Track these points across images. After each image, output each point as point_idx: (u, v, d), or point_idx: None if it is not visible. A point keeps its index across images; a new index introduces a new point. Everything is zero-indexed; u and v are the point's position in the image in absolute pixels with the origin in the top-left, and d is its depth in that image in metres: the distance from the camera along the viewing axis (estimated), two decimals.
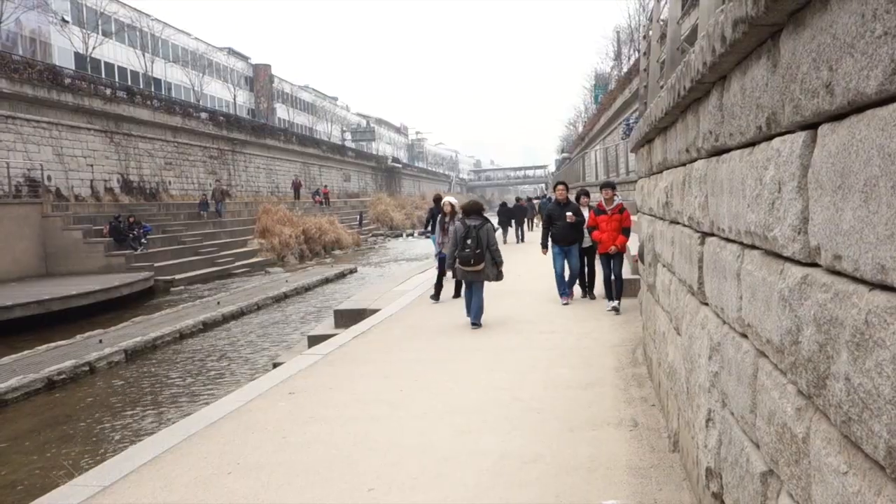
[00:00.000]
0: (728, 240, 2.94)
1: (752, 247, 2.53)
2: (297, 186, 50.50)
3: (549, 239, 11.15)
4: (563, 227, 10.88)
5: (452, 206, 11.64)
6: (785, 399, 2.09)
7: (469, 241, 9.43)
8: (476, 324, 9.59)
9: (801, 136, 1.96)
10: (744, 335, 2.66)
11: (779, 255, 2.19)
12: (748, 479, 2.53)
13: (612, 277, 10.15)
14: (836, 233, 1.70)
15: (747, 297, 2.54)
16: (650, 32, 7.85)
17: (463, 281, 9.96)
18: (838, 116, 1.70)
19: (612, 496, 4.14)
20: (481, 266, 9.47)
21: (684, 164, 4.10)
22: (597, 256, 10.88)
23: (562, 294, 11.17)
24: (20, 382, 10.47)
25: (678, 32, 5.63)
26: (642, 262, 7.08)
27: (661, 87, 5.92)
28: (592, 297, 11.25)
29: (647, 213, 6.52)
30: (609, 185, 10.64)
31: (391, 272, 26.59)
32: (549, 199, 12.67)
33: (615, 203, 10.16)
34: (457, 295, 11.68)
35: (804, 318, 1.91)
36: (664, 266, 5.18)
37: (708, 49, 2.78)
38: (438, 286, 12.21)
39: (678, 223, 4.38)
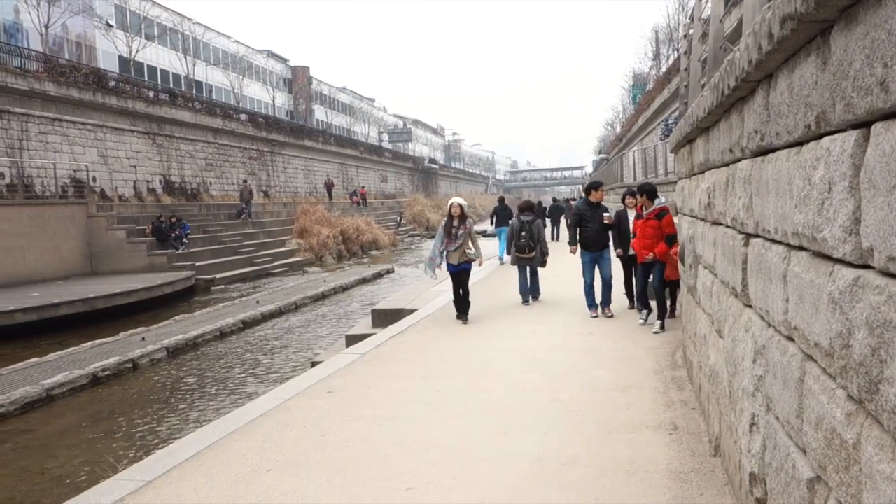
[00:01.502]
0: (774, 241, 2.88)
1: (800, 248, 2.48)
2: (329, 186, 50.51)
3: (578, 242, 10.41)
4: (596, 230, 10.13)
5: (461, 207, 10.30)
6: (834, 404, 2.04)
7: (524, 234, 11.39)
8: (528, 301, 11.82)
9: (852, 135, 1.91)
10: (790, 338, 2.60)
11: (828, 257, 2.14)
12: (794, 485, 2.48)
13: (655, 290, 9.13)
14: (890, 234, 1.65)
15: (794, 299, 2.49)
16: (691, 31, 7.76)
17: (518, 266, 11.89)
18: (893, 115, 1.66)
19: (651, 500, 4.09)
20: (533, 254, 11.41)
21: (727, 165, 4.03)
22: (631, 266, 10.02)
23: (590, 306, 10.26)
24: (66, 378, 10.70)
25: (721, 31, 5.55)
26: (683, 263, 6.99)
27: (703, 87, 5.85)
28: (636, 307, 9.96)
29: (688, 215, 6.43)
30: (640, 191, 9.30)
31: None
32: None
33: (653, 207, 9.04)
34: (460, 315, 10.32)
35: (856, 322, 1.86)
36: (706, 268, 5.11)
37: (754, 46, 2.73)
38: (460, 302, 10.40)
39: (721, 224, 4.31)
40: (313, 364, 9.72)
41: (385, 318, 11.95)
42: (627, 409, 5.84)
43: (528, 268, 11.73)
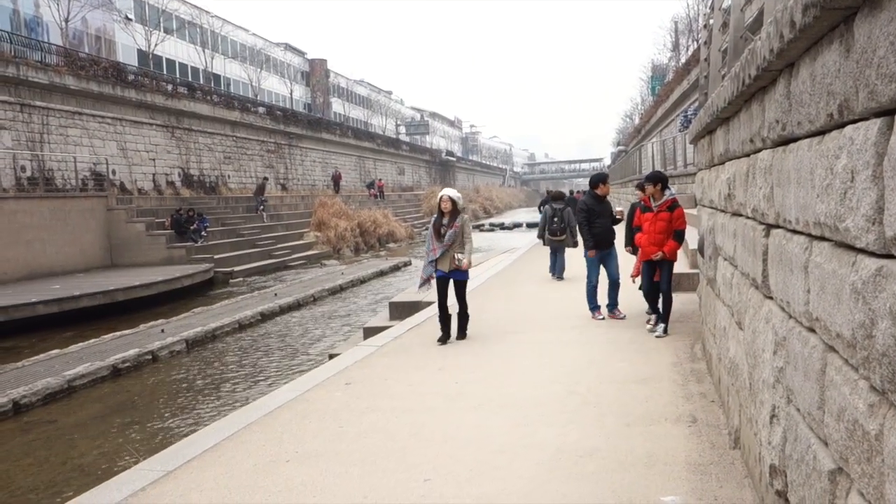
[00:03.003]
0: (795, 231, 2.85)
1: (822, 238, 2.45)
2: (336, 179, 50.06)
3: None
4: (604, 226, 9.40)
5: (452, 201, 8.58)
6: (856, 395, 2.02)
7: (556, 219, 13.03)
8: (561, 278, 13.36)
9: (876, 123, 1.89)
10: (811, 329, 2.58)
11: (851, 247, 2.12)
12: (815, 476, 2.46)
13: (660, 292, 8.37)
14: None
15: (815, 290, 2.47)
16: (711, 21, 7.67)
17: (550, 247, 13.56)
18: None
19: (670, 492, 4.08)
20: (564, 237, 12.84)
21: (748, 155, 4.00)
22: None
23: (593, 309, 9.52)
24: (87, 370, 10.82)
25: (741, 20, 5.49)
26: (702, 255, 6.94)
27: (724, 77, 5.79)
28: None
29: (708, 206, 6.39)
30: (650, 180, 8.45)
31: None
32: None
33: (664, 199, 8.28)
34: (443, 339, 8.56)
35: (879, 312, 1.84)
36: (725, 259, 5.07)
37: (775, 35, 2.70)
38: (443, 318, 8.66)
39: (741, 215, 4.28)
40: (331, 356, 9.76)
41: (402, 310, 11.97)
42: (646, 401, 5.82)
43: (558, 249, 13.41)
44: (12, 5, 35.31)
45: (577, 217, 9.91)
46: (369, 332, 10.79)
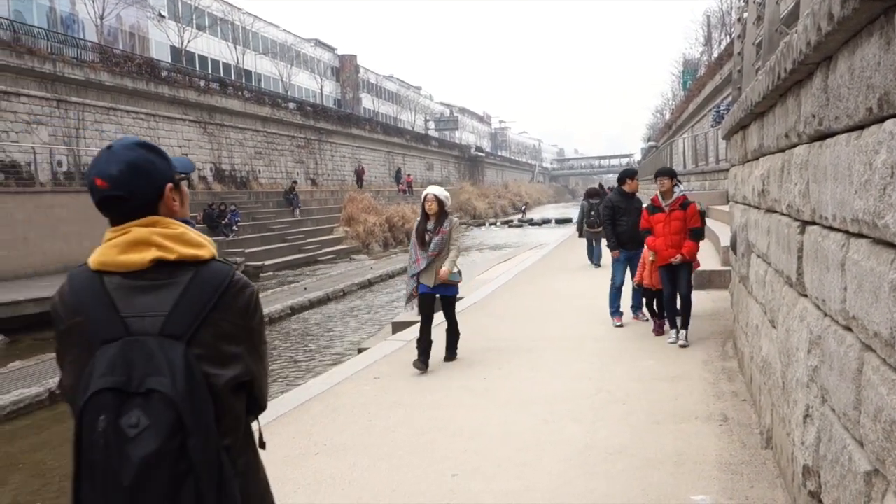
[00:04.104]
0: (832, 228, 2.80)
1: (860, 235, 2.40)
2: (359, 173, 49.83)
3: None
4: (632, 225, 8.64)
5: (440, 202, 7.24)
6: (894, 395, 1.99)
7: (592, 213, 14.43)
8: (598, 265, 14.37)
9: None
10: (848, 328, 2.54)
11: (890, 244, 2.07)
12: (850, 478, 2.42)
13: (679, 298, 7.75)
14: None
15: (852, 288, 2.42)
16: (745, 14, 7.57)
17: (587, 238, 15.01)
18: None
19: (701, 491, 4.04)
20: (600, 228, 12.48)
21: (783, 150, 3.94)
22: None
23: (614, 313, 8.95)
24: None
25: (776, 14, 5.41)
26: (734, 252, 6.85)
27: (758, 71, 5.71)
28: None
29: (741, 202, 6.31)
30: (666, 174, 7.93)
31: (473, 260, 26.64)
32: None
33: (675, 195, 7.75)
34: (420, 359, 7.11)
35: None
36: (759, 256, 5.01)
37: (812, 28, 2.65)
38: (423, 341, 7.19)
39: (775, 212, 4.22)
40: (360, 350, 9.81)
41: None
42: (676, 399, 5.77)
43: (594, 239, 14.61)
44: (49, 3, 35.89)
45: (602, 215, 9.53)
46: (398, 326, 10.82)
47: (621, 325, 8.78)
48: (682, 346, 7.49)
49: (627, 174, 9.35)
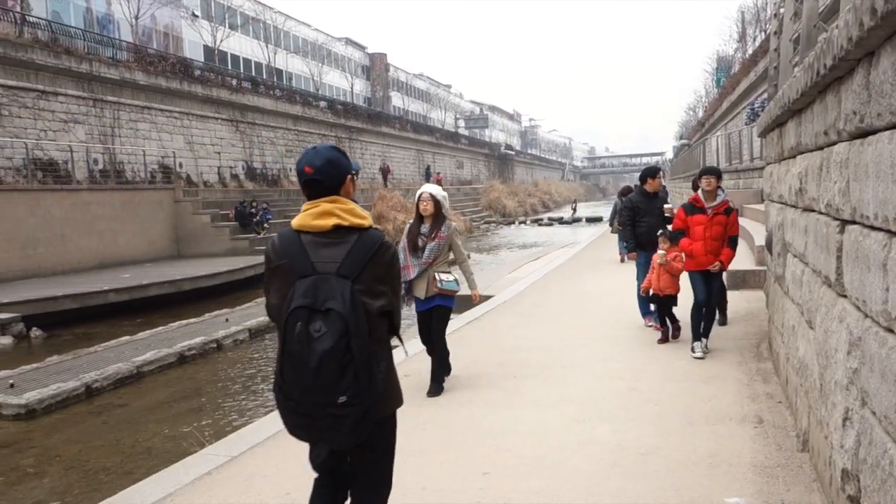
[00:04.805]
0: (873, 227, 2.75)
1: None
2: (385, 172, 49.53)
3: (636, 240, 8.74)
4: (653, 226, 8.36)
5: (436, 202, 6.33)
6: None
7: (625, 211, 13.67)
8: (625, 259, 14.13)
9: None
10: (889, 329, 2.48)
11: None
12: (892, 482, 2.37)
13: (703, 305, 7.22)
14: None
15: (895, 288, 2.38)
16: (781, 10, 7.46)
17: (619, 235, 14.60)
18: None
19: (735, 494, 3.99)
20: None
21: (821, 148, 3.87)
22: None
23: (645, 314, 8.77)
24: (155, 356, 11.14)
25: (815, 9, 5.32)
26: (770, 252, 6.76)
27: (795, 67, 5.63)
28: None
29: (777, 201, 6.21)
30: (713, 172, 7.39)
31: (503, 259, 26.62)
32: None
33: (719, 199, 7.19)
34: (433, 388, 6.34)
35: None
36: (795, 256, 4.93)
37: (854, 23, 2.60)
38: (437, 366, 6.50)
39: (813, 210, 4.15)
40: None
41: (461, 303, 11.95)
42: (710, 400, 5.71)
43: None
44: (85, 3, 36.48)
45: (621, 216, 9.15)
46: None
47: (652, 326, 8.57)
48: (698, 359, 6.96)
49: (648, 173, 8.92)
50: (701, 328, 7.20)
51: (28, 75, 22.44)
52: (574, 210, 55.95)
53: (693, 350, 7.12)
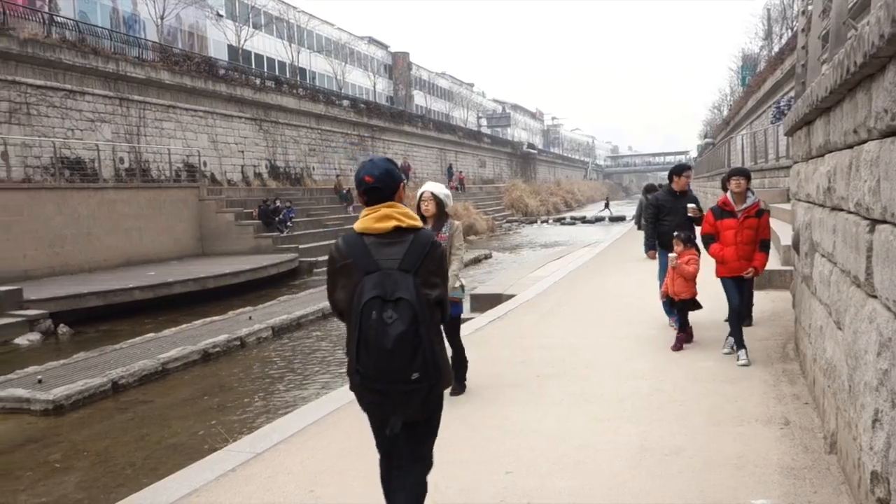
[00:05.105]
0: None
1: None
2: (405, 170, 49.64)
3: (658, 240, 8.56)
4: (677, 226, 8.04)
5: (438, 201, 5.97)
6: None
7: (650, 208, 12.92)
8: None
9: None
10: None
11: None
12: None
13: (735, 310, 6.98)
14: None
15: None
16: (809, 7, 7.38)
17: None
18: None
19: (761, 495, 3.95)
20: None
21: (851, 147, 3.82)
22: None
23: (669, 314, 8.45)
24: (180, 353, 11.25)
25: (844, 5, 5.24)
26: (797, 252, 6.68)
27: (823, 65, 5.55)
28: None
29: (804, 200, 6.14)
30: (742, 173, 7.02)
31: (525, 258, 26.57)
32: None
33: (750, 201, 6.91)
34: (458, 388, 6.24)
35: None
36: (823, 256, 4.87)
37: (886, 20, 2.57)
38: (457, 366, 6.19)
39: (842, 210, 4.09)
40: None
41: (484, 302, 11.98)
42: (735, 401, 5.65)
43: None
44: (112, 4, 36.90)
45: (645, 214, 8.92)
46: None
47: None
48: (744, 366, 6.65)
49: (674, 171, 8.62)
50: (744, 345, 6.86)
51: (56, 75, 22.74)
52: (607, 207, 56.02)
53: (738, 358, 6.78)
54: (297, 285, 21.33)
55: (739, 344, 6.89)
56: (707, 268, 8.57)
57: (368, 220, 3.16)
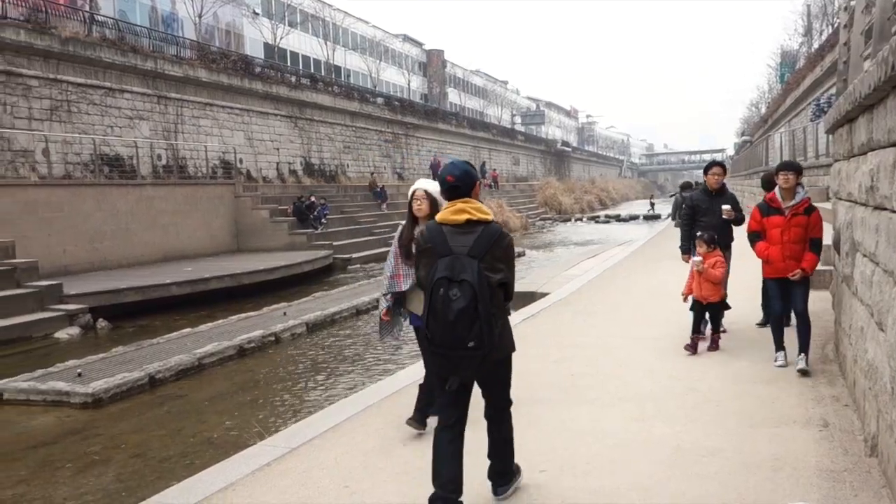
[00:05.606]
0: None
1: None
2: (435, 168, 49.15)
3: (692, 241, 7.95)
4: (714, 227, 7.72)
5: (431, 200, 5.12)
6: None
7: (684, 205, 13.36)
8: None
9: None
10: None
11: None
12: None
13: (794, 316, 6.64)
14: None
15: None
16: (852, 2, 7.22)
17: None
18: None
19: (799, 498, 3.89)
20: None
21: (895, 145, 3.74)
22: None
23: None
24: (215, 349, 11.38)
25: (889, 0, 5.13)
26: (837, 251, 6.55)
27: (866, 61, 5.44)
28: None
29: (845, 199, 6.02)
30: (791, 168, 6.63)
31: (559, 256, 26.47)
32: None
33: (799, 198, 6.48)
34: (417, 420, 5.20)
35: None
36: (865, 256, 4.78)
37: None
38: (421, 394, 5.33)
39: (885, 209, 4.01)
40: None
41: (517, 300, 11.87)
42: (773, 402, 5.57)
43: None
44: (150, 2, 37.45)
45: (682, 215, 8.60)
46: None
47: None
48: (804, 373, 6.26)
49: (704, 169, 8.36)
50: (799, 342, 6.46)
51: (96, 73, 23.16)
52: (652, 206, 56.22)
53: (776, 359, 6.60)
54: (330, 282, 21.46)
55: (778, 344, 6.70)
56: (739, 266, 8.47)
57: (447, 212, 3.78)
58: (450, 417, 3.88)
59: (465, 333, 3.52)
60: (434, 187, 5.24)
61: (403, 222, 5.45)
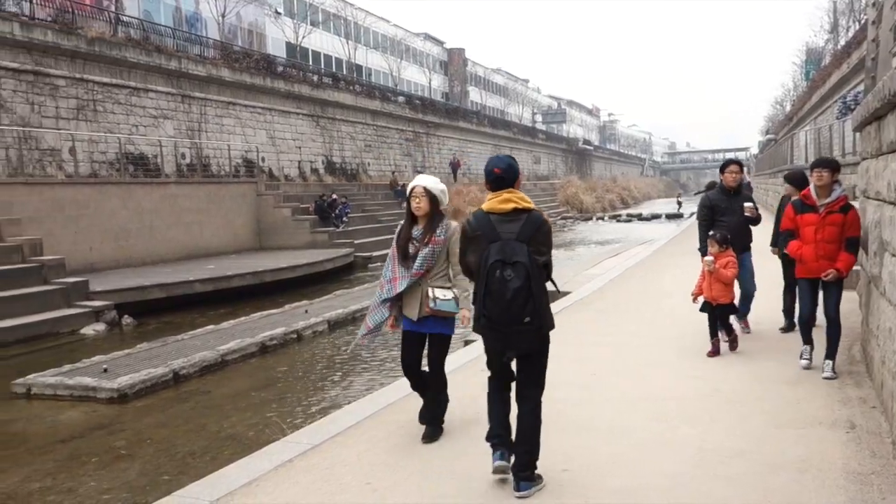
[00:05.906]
0: None
1: None
2: (455, 166, 48.76)
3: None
4: (733, 227, 7.57)
5: (431, 197, 4.99)
6: None
7: None
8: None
9: None
10: None
11: None
12: None
13: (826, 321, 6.26)
14: None
15: None
16: None
17: None
18: None
19: (826, 500, 3.85)
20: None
21: None
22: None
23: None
24: (238, 346, 11.46)
25: None
26: (865, 251, 6.47)
27: (895, 58, 5.37)
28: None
29: (873, 198, 5.94)
30: (826, 165, 6.29)
31: (580, 255, 26.37)
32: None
33: (835, 195, 6.19)
34: (428, 433, 5.16)
35: None
36: (894, 255, 4.71)
37: None
38: (422, 392, 5.40)
39: None
40: (466, 342, 9.86)
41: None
42: (798, 403, 5.51)
43: None
44: (174, 3, 37.78)
45: (699, 215, 8.42)
46: None
47: (741, 324, 8.16)
48: (830, 378, 6.08)
49: (722, 166, 8.18)
50: (827, 346, 6.24)
51: (121, 72, 23.42)
52: (679, 205, 56.39)
53: (801, 355, 6.50)
54: (351, 280, 21.54)
55: (806, 338, 6.49)
56: (761, 266, 8.39)
57: (494, 202, 4.10)
58: (501, 379, 4.32)
59: (521, 310, 3.88)
60: (434, 184, 5.07)
61: (402, 222, 5.25)
